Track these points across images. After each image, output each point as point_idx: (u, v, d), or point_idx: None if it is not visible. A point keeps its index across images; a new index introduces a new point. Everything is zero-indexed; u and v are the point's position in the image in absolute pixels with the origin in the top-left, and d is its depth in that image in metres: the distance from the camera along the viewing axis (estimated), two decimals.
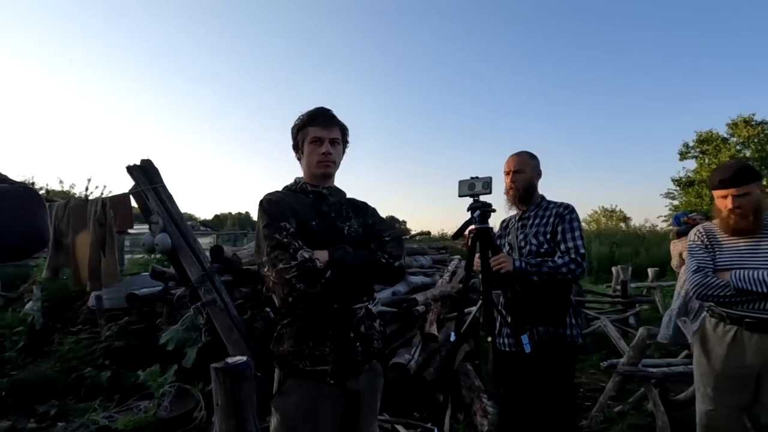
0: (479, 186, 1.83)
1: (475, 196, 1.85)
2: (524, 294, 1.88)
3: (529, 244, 1.97)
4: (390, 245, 1.45)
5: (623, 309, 5.91)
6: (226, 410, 1.72)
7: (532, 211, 2.05)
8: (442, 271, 5.79)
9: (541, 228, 1.98)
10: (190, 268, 3.24)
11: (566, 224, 1.94)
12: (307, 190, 1.45)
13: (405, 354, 3.13)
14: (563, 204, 2.01)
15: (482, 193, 1.84)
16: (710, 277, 1.83)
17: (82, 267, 3.27)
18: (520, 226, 2.06)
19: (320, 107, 1.47)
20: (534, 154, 2.09)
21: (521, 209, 2.08)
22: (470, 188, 1.84)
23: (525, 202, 2.06)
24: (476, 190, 1.83)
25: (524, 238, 2.00)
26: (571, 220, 1.95)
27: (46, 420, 3.02)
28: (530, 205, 2.05)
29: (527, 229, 2.02)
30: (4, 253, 0.71)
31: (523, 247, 1.99)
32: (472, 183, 1.84)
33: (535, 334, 1.86)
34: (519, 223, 2.07)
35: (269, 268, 1.26)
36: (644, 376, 2.69)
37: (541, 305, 1.88)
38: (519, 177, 2.02)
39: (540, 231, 1.97)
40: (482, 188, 1.82)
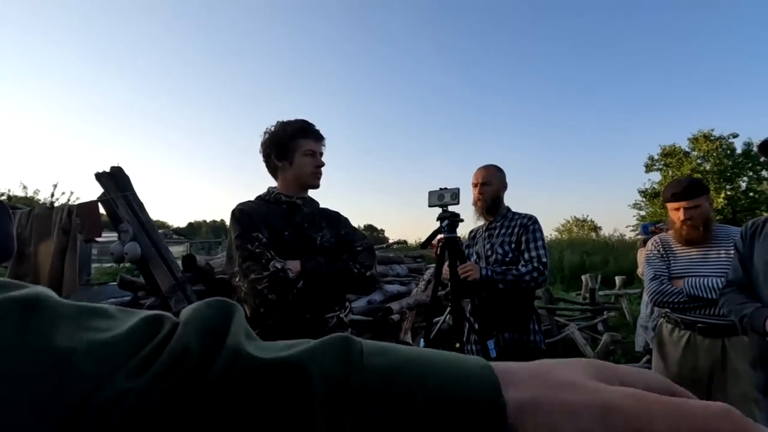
0: (448, 197, 1.89)
1: (444, 206, 1.91)
2: (490, 301, 1.94)
3: (495, 253, 2.04)
4: (362, 255, 1.47)
5: (592, 316, 6.09)
6: None
7: (498, 222, 2.13)
8: (417, 279, 5.83)
9: (507, 238, 2.06)
10: (161, 277, 3.18)
11: (530, 234, 2.02)
12: (281, 201, 1.46)
13: None
14: (527, 215, 2.11)
15: (450, 204, 1.90)
16: (665, 284, 1.93)
17: (42, 276, 3.16)
18: (487, 236, 2.13)
19: (304, 120, 1.50)
20: (500, 168, 2.18)
21: (488, 220, 2.16)
22: (439, 198, 1.90)
23: (492, 213, 2.14)
24: (445, 200, 1.89)
25: (491, 247, 2.08)
26: (534, 231, 2.04)
27: None
28: (497, 216, 2.14)
29: (494, 239, 2.10)
30: None
31: (490, 256, 2.06)
32: (441, 194, 1.90)
33: (501, 340, 1.92)
34: (486, 233, 2.15)
35: (241, 278, 1.27)
36: None
37: (506, 312, 1.95)
38: (486, 189, 2.10)
39: (506, 241, 2.05)
40: (450, 199, 1.89)
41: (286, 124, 1.49)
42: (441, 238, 1.91)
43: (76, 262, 3.08)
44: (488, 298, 1.95)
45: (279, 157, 1.47)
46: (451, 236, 1.90)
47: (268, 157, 1.50)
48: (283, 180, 1.49)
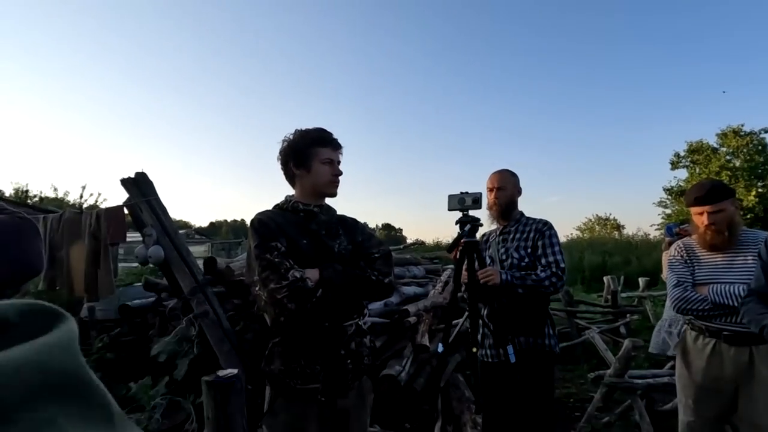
0: (469, 201, 1.88)
1: (465, 210, 1.90)
2: (508, 306, 1.93)
3: (511, 258, 2.04)
4: (379, 262, 1.48)
5: (614, 319, 5.96)
6: (216, 424, 1.74)
7: (512, 227, 2.13)
8: (434, 281, 5.81)
9: (522, 243, 2.06)
10: (182, 279, 3.26)
11: (546, 240, 2.03)
12: (299, 209, 1.47)
13: (396, 365, 3.16)
14: (542, 220, 2.11)
15: (472, 208, 1.90)
16: (689, 291, 1.89)
17: (77, 279, 3.28)
18: (501, 240, 2.13)
19: (322, 129, 1.51)
20: (514, 173, 2.19)
21: (502, 224, 2.16)
22: (460, 203, 1.89)
23: (506, 218, 2.14)
24: (466, 204, 1.89)
25: (505, 251, 2.07)
26: (551, 236, 2.04)
27: None
28: (510, 221, 2.14)
29: (508, 243, 2.09)
30: None
31: (505, 260, 2.06)
32: (462, 198, 1.89)
33: (517, 345, 1.91)
34: (500, 237, 2.14)
35: (261, 287, 1.29)
36: (629, 387, 2.73)
37: (523, 316, 1.95)
38: (501, 194, 2.10)
39: (521, 245, 2.05)
40: (472, 203, 1.88)
41: (304, 132, 1.50)
42: (461, 242, 1.90)
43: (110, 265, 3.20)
44: (507, 303, 1.94)
45: (297, 164, 1.48)
46: (471, 240, 1.89)
47: (286, 164, 1.51)
48: (300, 188, 1.51)
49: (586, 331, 5.20)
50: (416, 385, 3.22)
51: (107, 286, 3.20)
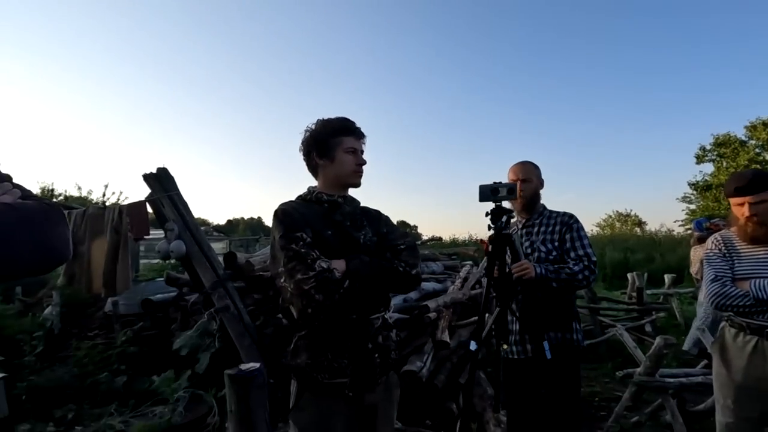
0: (504, 191, 1.80)
1: (499, 201, 1.82)
2: (542, 300, 1.87)
3: (538, 251, 1.97)
4: (405, 253, 1.44)
5: (639, 316, 5.80)
6: (239, 417, 1.74)
7: (536, 219, 2.07)
8: (453, 277, 5.76)
9: (548, 236, 2.00)
10: (203, 274, 3.28)
11: (574, 233, 1.97)
12: (322, 200, 1.44)
13: (416, 361, 3.12)
14: (566, 213, 2.05)
15: (506, 199, 1.82)
16: (728, 286, 1.79)
17: (95, 274, 3.34)
18: (525, 233, 2.06)
19: (345, 118, 1.48)
20: (536, 164, 2.13)
21: (524, 217, 2.10)
22: (493, 193, 1.80)
23: (529, 211, 2.08)
24: (500, 195, 1.80)
25: (530, 245, 2.01)
26: (578, 229, 1.99)
27: (63, 424, 3.08)
28: (533, 214, 2.08)
29: (533, 236, 2.03)
30: (25, 269, 0.73)
31: (530, 254, 1.99)
32: (495, 188, 1.80)
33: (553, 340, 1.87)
34: (523, 230, 2.08)
35: (286, 279, 1.25)
36: (661, 387, 2.63)
37: (555, 311, 1.89)
38: (526, 186, 2.04)
39: (547, 239, 1.99)
40: (507, 194, 1.80)
41: (327, 121, 1.46)
42: (492, 234, 1.82)
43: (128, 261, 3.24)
44: (542, 297, 1.88)
45: (320, 154, 1.44)
46: (506, 233, 1.81)
47: (309, 154, 1.47)
48: (324, 178, 1.47)
49: (610, 328, 5.07)
50: (437, 381, 3.17)
51: (124, 281, 3.24)
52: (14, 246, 0.68)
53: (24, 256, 0.69)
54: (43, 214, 0.74)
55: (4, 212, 0.69)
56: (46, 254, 0.73)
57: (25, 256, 0.69)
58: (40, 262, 0.73)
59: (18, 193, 0.77)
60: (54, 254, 0.74)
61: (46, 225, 0.73)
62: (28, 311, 5.31)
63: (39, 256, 0.72)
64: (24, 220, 0.70)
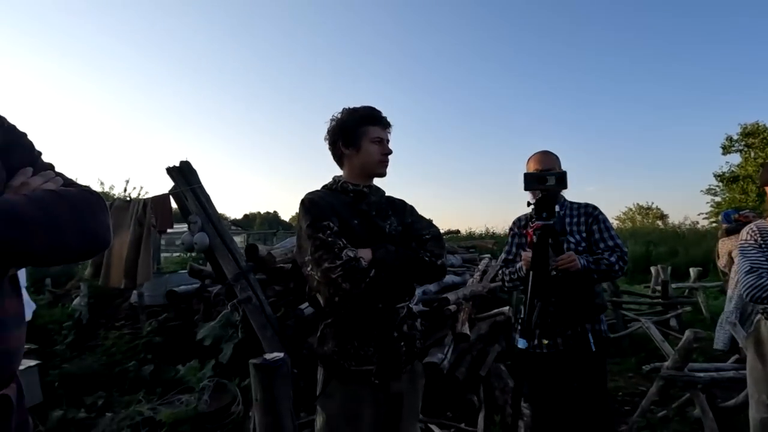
0: (552, 180, 1.71)
1: (546, 190, 1.73)
2: (579, 292, 1.82)
3: (566, 242, 1.92)
4: (431, 243, 1.43)
5: (663, 311, 5.67)
6: (264, 405, 1.76)
7: (560, 210, 2.00)
8: (471, 270, 5.72)
9: (575, 227, 1.96)
10: (226, 266, 3.34)
11: (601, 224, 1.93)
12: (348, 189, 1.44)
13: (437, 353, 3.11)
14: (588, 204, 2.01)
15: (554, 188, 1.73)
16: (765, 278, 1.73)
17: (117, 266, 3.42)
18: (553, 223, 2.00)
19: (372, 107, 1.47)
20: (557, 155, 2.07)
21: None
22: (540, 182, 1.72)
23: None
24: (548, 184, 1.71)
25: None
26: (604, 220, 1.95)
27: (93, 410, 3.18)
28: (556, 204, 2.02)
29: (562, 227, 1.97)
30: (70, 254, 0.75)
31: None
32: (542, 176, 1.72)
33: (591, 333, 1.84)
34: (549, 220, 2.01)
35: (313, 267, 1.26)
36: (690, 381, 2.57)
37: (588, 303, 1.85)
38: None
39: (574, 230, 1.95)
40: (555, 183, 1.72)
41: (353, 110, 1.45)
42: (537, 225, 1.72)
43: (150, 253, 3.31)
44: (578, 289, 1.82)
45: (346, 144, 1.44)
46: (547, 224, 1.73)
47: (335, 144, 1.47)
48: (349, 167, 1.47)
49: (633, 322, 4.97)
50: (458, 374, 3.16)
51: (145, 273, 3.32)
52: (60, 232, 0.69)
53: (69, 241, 0.71)
54: (85, 201, 0.75)
55: (50, 199, 0.70)
56: (89, 240, 0.74)
57: (70, 241, 0.71)
58: (83, 248, 0.74)
59: (60, 181, 0.79)
60: (96, 240, 0.75)
61: (89, 211, 0.75)
62: (58, 302, 5.49)
63: (83, 242, 0.73)
64: (68, 206, 0.71)
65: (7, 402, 0.71)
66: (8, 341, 0.70)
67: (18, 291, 0.75)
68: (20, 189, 0.72)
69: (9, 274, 0.72)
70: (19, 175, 0.75)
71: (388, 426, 1.38)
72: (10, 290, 0.73)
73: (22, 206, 0.66)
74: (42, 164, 0.81)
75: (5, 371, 0.71)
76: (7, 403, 0.71)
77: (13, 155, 0.77)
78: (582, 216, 1.97)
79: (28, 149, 0.82)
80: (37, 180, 0.75)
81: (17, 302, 0.74)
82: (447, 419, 2.92)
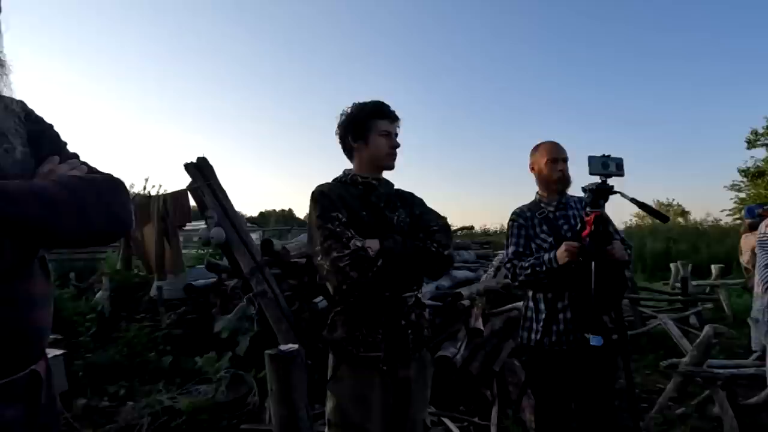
0: (613, 166, 1.65)
1: (607, 176, 1.68)
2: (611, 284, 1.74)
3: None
4: (438, 234, 1.46)
5: (683, 308, 5.55)
6: (280, 396, 1.80)
7: (566, 201, 1.96)
8: (485, 266, 5.70)
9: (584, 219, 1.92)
10: (242, 260, 3.40)
11: None
12: (358, 182, 1.48)
13: (450, 347, 3.12)
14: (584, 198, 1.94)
15: (615, 175, 1.68)
16: None
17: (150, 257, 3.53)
18: (561, 216, 1.95)
19: (380, 101, 1.50)
20: None
21: (555, 199, 1.98)
22: (603, 167, 1.65)
23: (562, 193, 1.98)
24: (609, 170, 1.65)
25: (570, 228, 1.90)
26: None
27: (116, 399, 3.29)
28: (563, 196, 1.98)
29: (570, 220, 1.92)
30: (96, 237, 0.79)
31: (571, 237, 1.89)
32: (605, 161, 1.65)
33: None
34: (558, 212, 1.96)
35: (323, 256, 1.30)
36: (710, 377, 2.52)
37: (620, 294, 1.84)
38: (567, 166, 1.94)
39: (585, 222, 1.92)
40: (616, 169, 1.66)
41: (362, 105, 1.50)
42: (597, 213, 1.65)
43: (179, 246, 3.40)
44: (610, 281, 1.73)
45: (355, 137, 1.48)
46: (602, 213, 1.67)
47: (344, 138, 1.51)
48: (358, 160, 1.51)
49: (651, 319, 4.88)
50: (471, 368, 3.17)
51: (177, 264, 3.41)
52: (86, 214, 0.73)
53: (94, 223, 0.74)
54: (109, 185, 0.79)
55: (77, 183, 0.74)
56: (113, 222, 0.78)
57: (95, 223, 0.75)
58: (107, 230, 0.78)
59: (85, 169, 0.82)
60: (119, 222, 0.79)
61: (112, 196, 0.78)
62: (82, 295, 5.66)
63: (107, 224, 0.77)
64: (94, 191, 0.75)
65: (37, 378, 0.75)
66: (38, 319, 0.74)
67: (47, 272, 0.79)
68: (48, 176, 0.76)
69: (39, 255, 0.76)
70: (47, 163, 0.79)
71: (396, 411, 1.41)
72: (40, 271, 0.77)
73: (52, 190, 0.70)
74: (68, 153, 0.86)
75: (35, 347, 0.75)
76: (37, 378, 0.75)
77: (42, 145, 0.81)
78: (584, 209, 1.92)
79: (55, 139, 0.86)
80: (64, 167, 0.79)
81: (46, 283, 0.78)
82: (460, 413, 2.93)
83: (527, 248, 1.90)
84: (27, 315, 0.72)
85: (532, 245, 1.88)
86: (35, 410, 0.74)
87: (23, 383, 0.72)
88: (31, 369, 0.74)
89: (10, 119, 0.75)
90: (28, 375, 0.73)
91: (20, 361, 0.72)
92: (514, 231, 1.95)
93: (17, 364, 0.71)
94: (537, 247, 1.88)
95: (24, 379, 0.72)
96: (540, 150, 1.98)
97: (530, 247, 1.88)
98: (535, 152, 1.99)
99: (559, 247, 1.76)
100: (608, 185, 1.67)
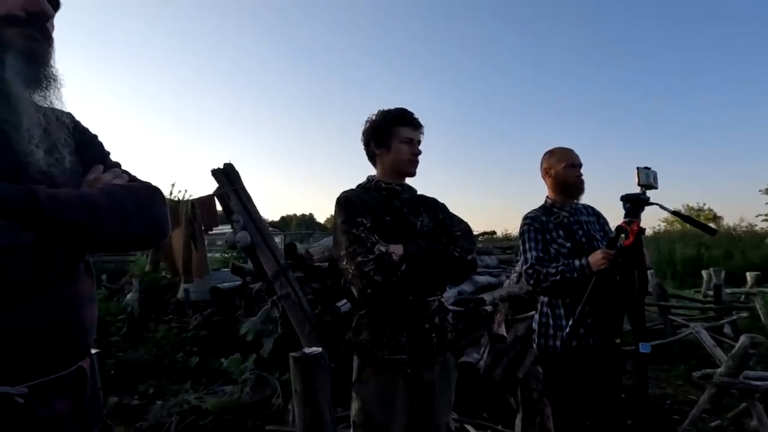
0: (651, 178, 1.67)
1: (650, 188, 1.69)
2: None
3: (594, 240, 1.88)
4: (461, 239, 1.48)
5: (716, 316, 5.33)
6: (304, 397, 1.83)
7: (577, 207, 1.96)
8: (508, 271, 5.62)
9: (595, 225, 1.95)
10: (266, 264, 3.47)
11: (608, 225, 1.97)
12: (381, 187, 1.51)
13: (473, 353, 3.09)
14: (591, 206, 2.05)
15: (653, 188, 1.70)
16: None
17: (177, 261, 3.63)
18: (575, 221, 1.93)
19: (404, 108, 1.53)
20: None
21: (570, 205, 1.96)
22: (647, 178, 1.66)
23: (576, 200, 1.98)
24: (650, 181, 1.67)
25: (584, 234, 1.90)
26: (606, 221, 2.01)
27: (145, 398, 3.40)
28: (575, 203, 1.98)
29: (585, 226, 1.92)
30: (137, 242, 0.83)
31: (586, 242, 1.88)
32: (648, 173, 1.67)
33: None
34: (572, 218, 1.94)
35: (348, 261, 1.33)
36: (747, 389, 2.41)
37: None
38: (582, 172, 1.93)
39: (596, 228, 1.94)
40: (653, 180, 1.68)
41: (386, 112, 1.52)
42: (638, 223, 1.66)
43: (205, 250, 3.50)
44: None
45: (378, 144, 1.51)
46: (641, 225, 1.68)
47: (368, 144, 1.55)
48: (381, 167, 1.54)
49: (682, 328, 4.70)
50: (494, 375, 3.13)
51: (203, 267, 3.50)
52: (129, 220, 0.77)
53: (135, 229, 0.79)
54: (148, 194, 0.84)
55: (120, 192, 0.78)
56: (152, 228, 0.82)
57: (136, 229, 0.79)
58: (147, 235, 0.82)
59: (126, 177, 0.87)
60: (158, 228, 0.84)
61: (151, 203, 0.83)
62: (113, 296, 5.87)
63: (147, 230, 0.81)
64: (135, 199, 0.80)
65: (82, 374, 0.79)
66: (86, 318, 0.79)
67: (91, 273, 0.84)
68: (94, 183, 0.81)
69: (85, 259, 0.81)
70: (92, 171, 0.84)
71: (420, 414, 1.42)
72: (85, 273, 0.81)
73: (97, 198, 0.75)
74: (110, 162, 0.91)
75: (83, 344, 0.80)
76: (83, 375, 0.80)
77: (87, 154, 0.86)
78: (592, 216, 1.98)
79: (99, 149, 0.91)
80: (108, 176, 0.84)
81: (91, 283, 0.83)
82: (483, 420, 2.90)
83: (546, 253, 1.88)
84: (76, 314, 0.77)
85: (551, 250, 1.86)
86: (81, 404, 0.78)
87: (72, 378, 0.77)
88: (79, 365, 0.78)
89: (61, 131, 0.80)
90: (76, 370, 0.78)
91: (71, 357, 0.77)
92: (531, 236, 1.91)
93: (68, 360, 0.76)
94: (555, 252, 1.85)
95: (73, 374, 0.77)
96: (556, 155, 1.96)
97: (549, 252, 1.86)
98: (550, 157, 1.97)
99: (590, 253, 1.74)
100: (647, 197, 1.67)
